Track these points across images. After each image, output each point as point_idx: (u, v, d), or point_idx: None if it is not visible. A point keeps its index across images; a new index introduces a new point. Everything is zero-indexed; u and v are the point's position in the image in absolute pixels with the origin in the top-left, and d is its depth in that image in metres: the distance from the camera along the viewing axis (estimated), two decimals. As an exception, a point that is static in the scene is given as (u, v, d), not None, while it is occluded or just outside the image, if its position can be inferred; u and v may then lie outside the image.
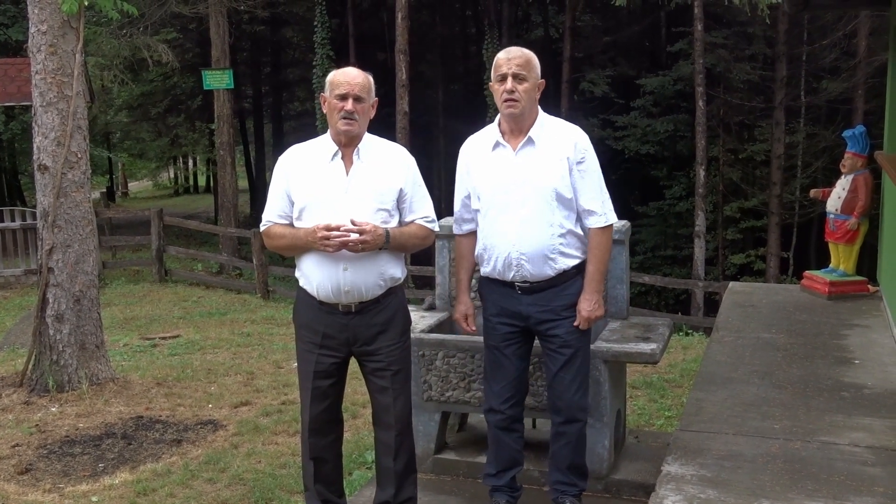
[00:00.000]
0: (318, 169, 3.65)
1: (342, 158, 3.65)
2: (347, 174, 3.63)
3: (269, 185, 3.85)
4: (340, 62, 24.44)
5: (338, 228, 3.50)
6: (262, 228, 3.79)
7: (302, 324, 3.77)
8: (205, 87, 18.34)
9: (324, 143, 3.72)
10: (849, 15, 17.95)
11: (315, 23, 23.45)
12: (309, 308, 3.71)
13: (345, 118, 3.58)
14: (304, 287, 3.70)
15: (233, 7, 19.26)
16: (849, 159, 6.71)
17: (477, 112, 22.97)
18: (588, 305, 3.75)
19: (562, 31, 25.67)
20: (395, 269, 3.69)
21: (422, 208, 3.76)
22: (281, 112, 32.77)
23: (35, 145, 6.87)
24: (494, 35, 23.94)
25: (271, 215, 3.74)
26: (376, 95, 3.77)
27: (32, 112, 6.94)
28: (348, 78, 3.62)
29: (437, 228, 3.85)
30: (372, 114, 3.72)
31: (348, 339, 3.68)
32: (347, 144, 3.66)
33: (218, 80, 17.61)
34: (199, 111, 28.80)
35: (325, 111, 3.70)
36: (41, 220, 6.92)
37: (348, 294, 3.60)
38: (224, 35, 18.05)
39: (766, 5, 13.28)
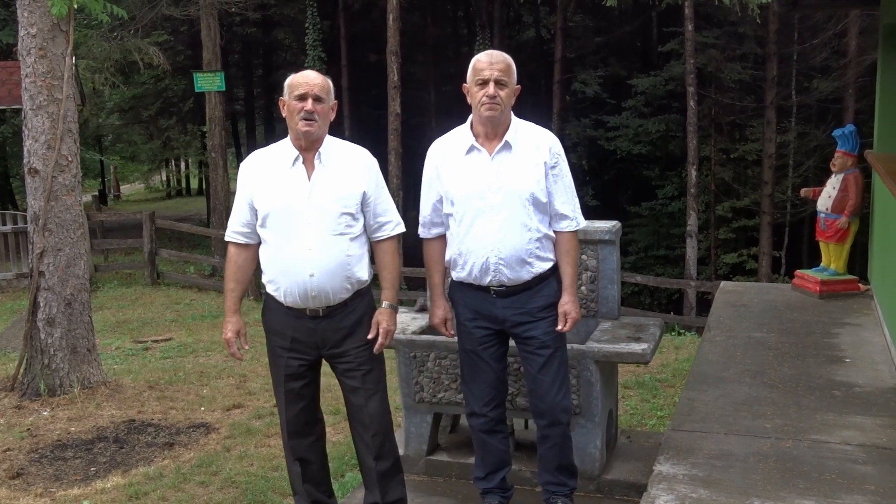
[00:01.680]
0: (280, 175, 3.63)
1: (303, 163, 3.64)
2: (310, 179, 3.61)
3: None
4: (332, 64, 24.46)
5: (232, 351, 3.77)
6: (226, 238, 3.82)
7: (270, 328, 3.77)
8: (196, 90, 18.30)
9: (284, 148, 3.69)
10: (839, 14, 18.02)
11: (306, 24, 23.44)
12: (277, 313, 3.72)
13: (305, 119, 3.56)
14: (272, 293, 3.70)
15: (224, 9, 19.22)
16: (839, 158, 6.73)
17: (468, 113, 22.94)
18: (576, 307, 3.77)
19: (553, 32, 25.74)
20: (361, 272, 3.68)
21: (386, 212, 3.76)
22: (273, 114, 32.72)
23: (25, 149, 6.86)
24: (486, 36, 23.97)
25: (235, 225, 3.75)
26: (368, 98, 3.76)
27: (22, 115, 6.91)
28: (307, 79, 3.62)
29: (403, 229, 3.85)
30: (331, 116, 3.70)
31: (317, 343, 3.69)
32: (308, 148, 3.64)
33: (209, 82, 17.58)
34: (191, 114, 28.75)
35: (284, 115, 3.69)
36: (32, 223, 6.90)
37: (315, 299, 3.60)
38: (215, 37, 18.02)
39: (757, 5, 13.29)
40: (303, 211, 3.57)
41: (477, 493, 4.06)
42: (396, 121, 18.26)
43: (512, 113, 3.78)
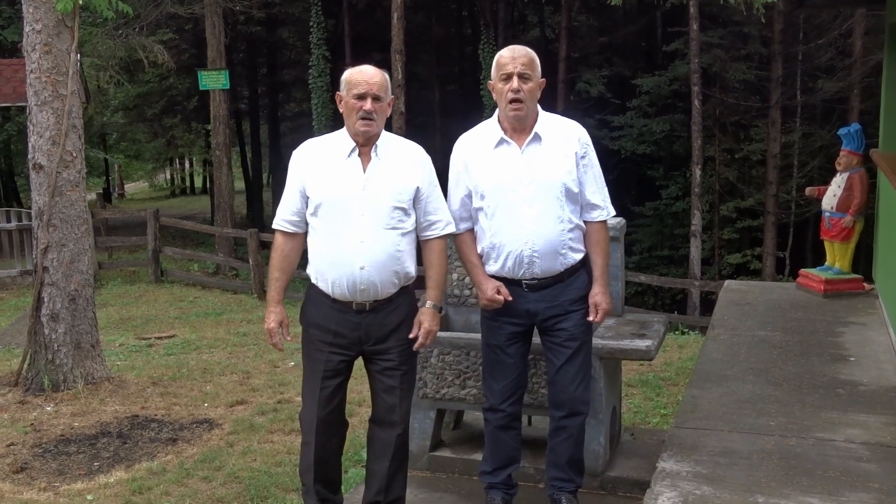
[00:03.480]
0: (335, 165, 3.61)
1: (359, 156, 3.62)
2: (365, 171, 3.59)
3: (265, 186, 3.83)
4: (336, 62, 24.43)
5: (274, 341, 3.74)
6: (273, 225, 3.78)
7: (312, 322, 3.72)
8: (201, 88, 18.30)
9: (341, 139, 3.67)
10: (844, 14, 18.00)
11: (311, 23, 23.43)
12: (320, 306, 3.67)
13: (364, 118, 3.54)
14: (318, 284, 3.66)
15: (228, 7, 19.23)
16: (844, 157, 6.72)
17: (472, 112, 22.97)
18: (607, 298, 3.77)
19: (558, 32, 25.70)
20: (409, 267, 3.67)
21: (437, 210, 3.73)
22: (277, 113, 32.76)
23: (30, 144, 6.87)
24: (490, 35, 23.95)
25: (284, 213, 3.71)
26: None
27: (27, 111, 6.93)
28: (366, 77, 3.58)
29: (453, 229, 3.80)
30: (388, 112, 3.68)
31: (360, 338, 3.65)
32: (365, 143, 3.62)
33: (214, 80, 17.58)
34: (196, 112, 28.78)
35: (341, 110, 3.65)
36: (36, 219, 6.91)
37: (364, 292, 3.58)
38: (220, 35, 18.02)
39: (762, 4, 13.27)
40: (356, 202, 3.55)
41: (480, 488, 4.06)
42: (400, 119, 18.27)
43: (538, 105, 3.77)
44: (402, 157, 3.68)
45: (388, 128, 3.76)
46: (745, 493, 3.41)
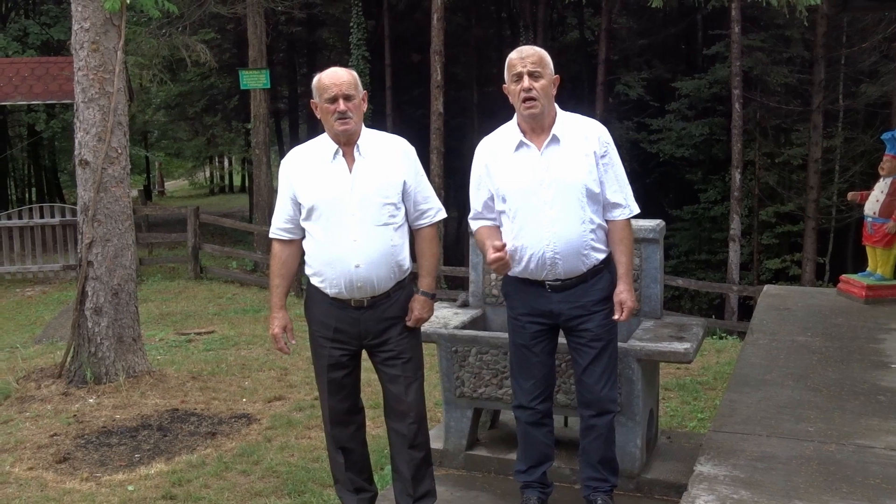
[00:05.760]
0: (322, 169, 3.71)
1: (344, 156, 3.71)
2: (351, 171, 3.68)
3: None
4: (376, 63, 24.57)
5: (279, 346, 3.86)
6: (270, 236, 3.91)
7: (313, 319, 3.83)
8: (241, 87, 18.45)
9: (324, 143, 3.77)
10: (889, 18, 17.73)
11: (351, 24, 23.57)
12: (320, 304, 3.78)
13: (340, 119, 3.64)
14: (317, 285, 3.76)
15: (270, 8, 19.39)
16: (888, 162, 6.63)
17: (510, 114, 22.94)
18: (631, 296, 3.77)
19: (597, 34, 25.61)
20: (404, 261, 3.76)
21: (427, 199, 3.83)
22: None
23: (76, 141, 6.99)
24: (529, 37, 23.92)
25: (278, 222, 3.84)
26: (411, 97, 3.82)
27: (74, 108, 7.06)
28: (334, 79, 3.67)
29: (444, 215, 3.93)
30: (364, 108, 3.76)
31: (359, 333, 3.75)
32: (347, 143, 3.71)
33: (254, 79, 17.72)
34: (236, 111, 29.04)
35: (318, 116, 3.76)
36: (81, 214, 7.03)
37: (361, 290, 3.67)
38: (261, 35, 18.17)
39: (805, 7, 13.11)
40: (346, 203, 3.64)
41: (516, 488, 4.07)
42: (439, 120, 18.28)
43: (556, 105, 3.79)
44: (386, 152, 3.75)
45: (426, 128, 3.81)
46: (784, 498, 3.39)
